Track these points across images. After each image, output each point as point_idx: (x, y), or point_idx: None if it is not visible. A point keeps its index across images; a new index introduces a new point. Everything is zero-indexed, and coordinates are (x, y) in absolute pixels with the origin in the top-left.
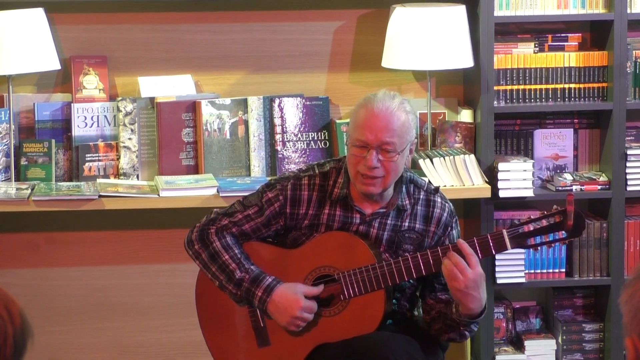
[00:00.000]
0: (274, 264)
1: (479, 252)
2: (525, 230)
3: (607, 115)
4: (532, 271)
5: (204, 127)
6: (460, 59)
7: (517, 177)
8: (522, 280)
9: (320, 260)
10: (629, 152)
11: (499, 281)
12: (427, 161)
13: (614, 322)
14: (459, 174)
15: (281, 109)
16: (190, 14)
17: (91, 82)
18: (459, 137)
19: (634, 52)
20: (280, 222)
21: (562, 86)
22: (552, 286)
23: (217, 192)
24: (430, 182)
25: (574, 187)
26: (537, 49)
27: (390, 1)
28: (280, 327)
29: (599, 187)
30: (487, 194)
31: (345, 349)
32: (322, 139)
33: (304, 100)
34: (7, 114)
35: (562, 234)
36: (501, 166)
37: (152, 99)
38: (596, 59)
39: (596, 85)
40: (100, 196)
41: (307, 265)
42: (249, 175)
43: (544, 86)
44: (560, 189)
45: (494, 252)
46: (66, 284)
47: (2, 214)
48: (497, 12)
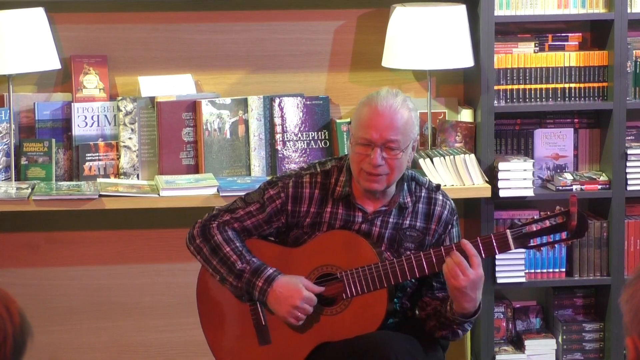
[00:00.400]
0: (276, 262)
1: (482, 252)
2: (528, 230)
3: (608, 114)
4: (532, 271)
5: (204, 127)
6: (460, 58)
7: (518, 177)
8: (523, 280)
9: (322, 258)
10: (629, 151)
11: (499, 281)
12: (427, 161)
13: (614, 321)
14: (459, 174)
15: (281, 109)
16: (190, 14)
17: (91, 82)
18: (459, 137)
19: (634, 51)
20: (281, 219)
21: (562, 86)
22: (552, 286)
23: (217, 191)
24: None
25: (574, 187)
26: (538, 48)
27: (390, 1)
28: (281, 323)
29: (599, 187)
30: (488, 193)
31: (346, 348)
32: (322, 138)
33: (304, 99)
34: (8, 113)
35: (564, 235)
36: (501, 166)
37: (152, 99)
38: (596, 58)
39: (596, 84)
40: (100, 196)
41: (310, 263)
42: (249, 174)
43: (544, 86)
44: (560, 188)
45: (497, 252)
46: (66, 283)
47: (2, 214)
48: (498, 12)
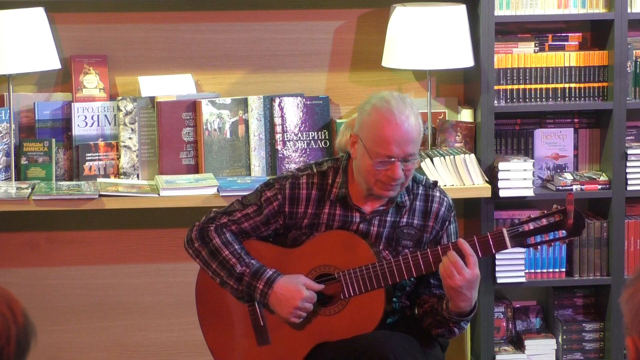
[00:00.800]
0: (274, 263)
1: (479, 251)
2: (525, 229)
3: (608, 114)
4: (532, 271)
5: (204, 127)
6: (460, 58)
7: (518, 177)
8: (523, 279)
9: (320, 259)
10: (629, 151)
11: (499, 281)
12: (427, 161)
13: (614, 321)
14: (459, 174)
15: (281, 109)
16: (190, 14)
17: (91, 82)
18: (459, 137)
19: (634, 51)
20: (279, 221)
21: (562, 86)
22: (553, 286)
23: (217, 191)
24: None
25: (574, 187)
26: (538, 48)
27: (390, 0)
28: (280, 324)
29: (599, 187)
30: (488, 193)
31: (345, 348)
32: (323, 138)
33: (304, 99)
34: (8, 113)
35: (562, 233)
36: (501, 166)
37: (152, 99)
38: (596, 58)
39: (596, 84)
40: (100, 195)
41: (307, 264)
42: (249, 174)
43: (544, 86)
44: (560, 188)
45: (494, 251)
46: (66, 283)
47: (2, 213)
48: (498, 12)
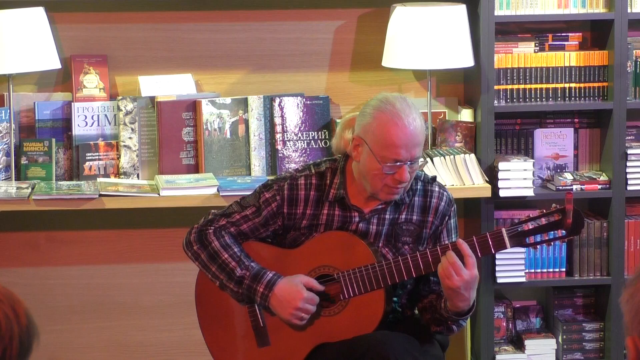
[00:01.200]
0: (273, 263)
1: (478, 251)
2: (524, 228)
3: (608, 114)
4: (533, 270)
5: (204, 127)
6: (460, 58)
7: (518, 177)
8: (523, 279)
9: (319, 259)
10: (629, 151)
11: (499, 280)
12: (428, 160)
13: (614, 321)
14: (459, 174)
15: (281, 108)
16: (190, 13)
17: (91, 81)
18: (459, 137)
19: (635, 51)
20: (278, 222)
21: (562, 85)
22: (553, 285)
23: (218, 191)
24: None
25: (575, 187)
26: (538, 48)
27: (390, 0)
28: (280, 325)
29: (599, 187)
30: (488, 193)
31: (345, 348)
32: (323, 138)
33: (305, 99)
34: (8, 113)
35: (561, 233)
36: (501, 165)
37: (152, 98)
38: (596, 58)
39: (596, 84)
40: (100, 195)
41: (307, 264)
42: (249, 174)
43: (544, 85)
44: (560, 188)
45: (493, 250)
46: (66, 282)
47: (2, 213)
48: (498, 12)
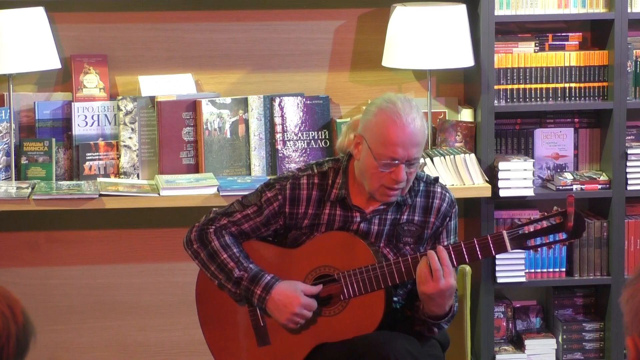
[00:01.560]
0: (274, 263)
1: (479, 253)
2: (525, 231)
3: (608, 114)
4: (533, 270)
5: (205, 126)
6: (460, 58)
7: (518, 177)
8: (523, 279)
9: (320, 259)
10: (630, 151)
11: (499, 280)
12: (428, 160)
13: (614, 321)
14: (460, 173)
15: (281, 108)
16: (190, 13)
17: (92, 81)
18: (459, 137)
19: (635, 51)
20: (279, 221)
21: (562, 85)
22: (553, 285)
23: (218, 191)
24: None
25: (575, 187)
26: (538, 48)
27: (390, 0)
28: (280, 325)
29: (600, 187)
30: (488, 193)
31: (345, 348)
32: (323, 138)
33: (305, 99)
34: (8, 112)
35: (562, 235)
36: (501, 165)
37: (152, 98)
38: (597, 58)
39: (597, 84)
40: (100, 195)
41: (307, 264)
42: (250, 174)
43: (544, 85)
44: (560, 188)
45: (493, 253)
46: (66, 282)
47: (2, 213)
48: (498, 12)
